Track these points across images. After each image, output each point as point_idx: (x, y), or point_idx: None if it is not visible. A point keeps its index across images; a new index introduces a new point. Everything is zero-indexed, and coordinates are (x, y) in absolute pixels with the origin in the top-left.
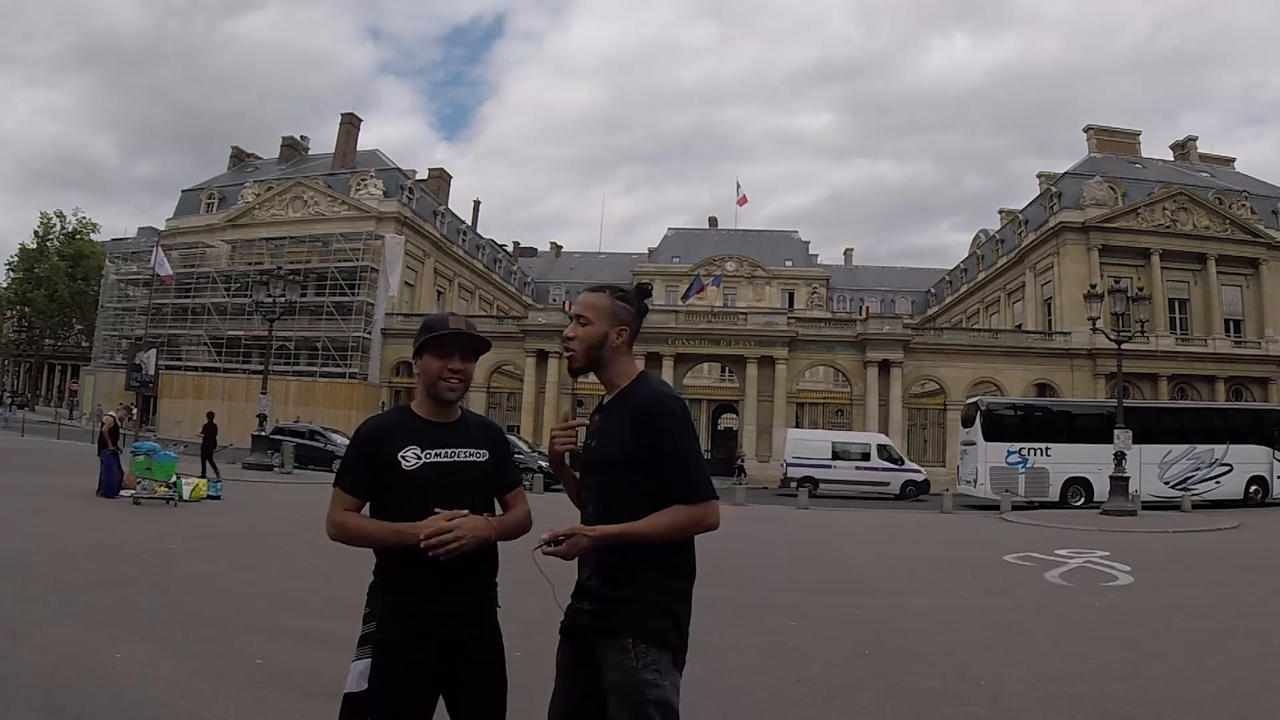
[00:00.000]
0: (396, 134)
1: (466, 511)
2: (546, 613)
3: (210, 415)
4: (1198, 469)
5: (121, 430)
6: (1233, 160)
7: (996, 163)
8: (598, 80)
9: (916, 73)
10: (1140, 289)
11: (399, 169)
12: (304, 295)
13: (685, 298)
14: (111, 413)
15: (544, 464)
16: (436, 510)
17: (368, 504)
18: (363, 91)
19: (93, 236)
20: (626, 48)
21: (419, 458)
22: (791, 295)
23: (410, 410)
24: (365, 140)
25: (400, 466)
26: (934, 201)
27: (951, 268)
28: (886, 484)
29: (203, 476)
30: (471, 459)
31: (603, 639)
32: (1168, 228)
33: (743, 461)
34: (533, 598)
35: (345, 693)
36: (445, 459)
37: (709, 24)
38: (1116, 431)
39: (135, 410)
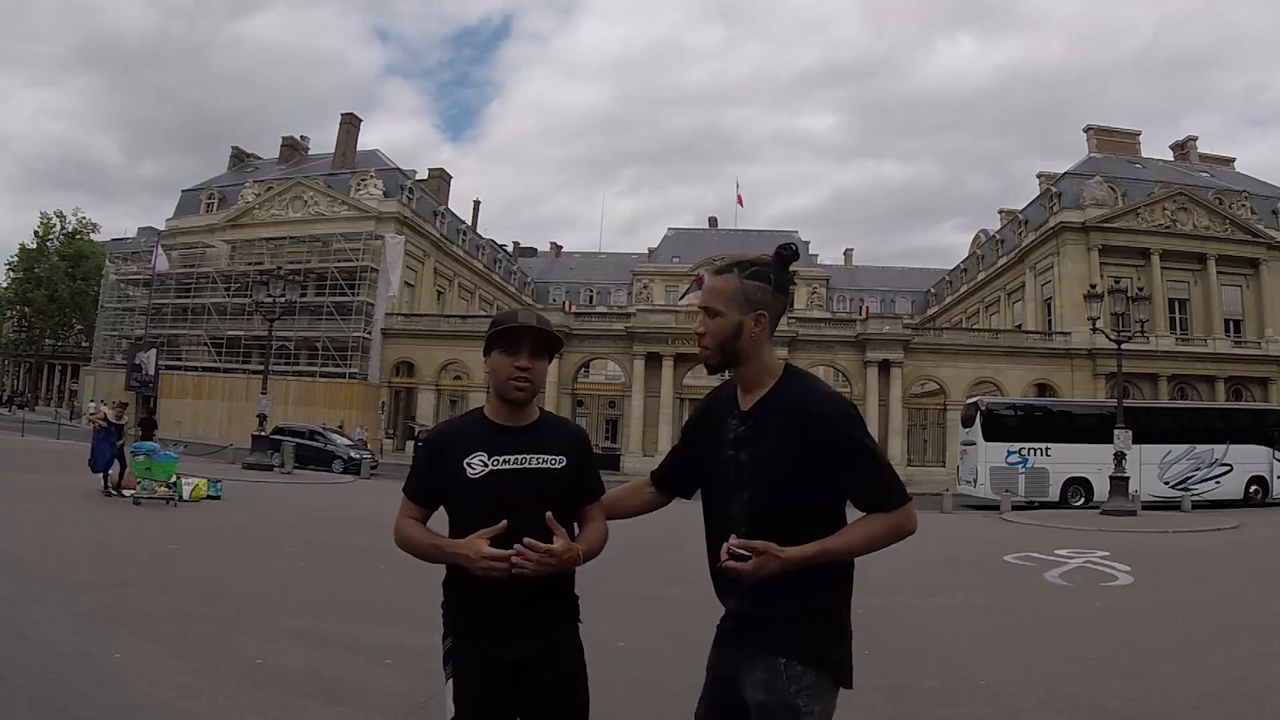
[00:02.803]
0: (401, 135)
1: (509, 528)
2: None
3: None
4: (1198, 469)
5: (125, 429)
6: (1232, 160)
7: (1000, 164)
8: (604, 81)
9: (922, 74)
10: (1140, 289)
11: (399, 169)
12: (304, 295)
13: (683, 298)
14: (105, 407)
15: None
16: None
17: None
18: (369, 93)
19: (93, 236)
20: (633, 49)
21: (485, 465)
22: (791, 295)
23: (482, 414)
24: (370, 141)
25: (465, 474)
26: (937, 202)
27: (952, 268)
28: None
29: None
30: (545, 466)
31: (753, 654)
32: (1168, 228)
33: None
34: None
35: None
36: (514, 465)
37: (717, 26)
38: (1116, 431)
39: (129, 407)
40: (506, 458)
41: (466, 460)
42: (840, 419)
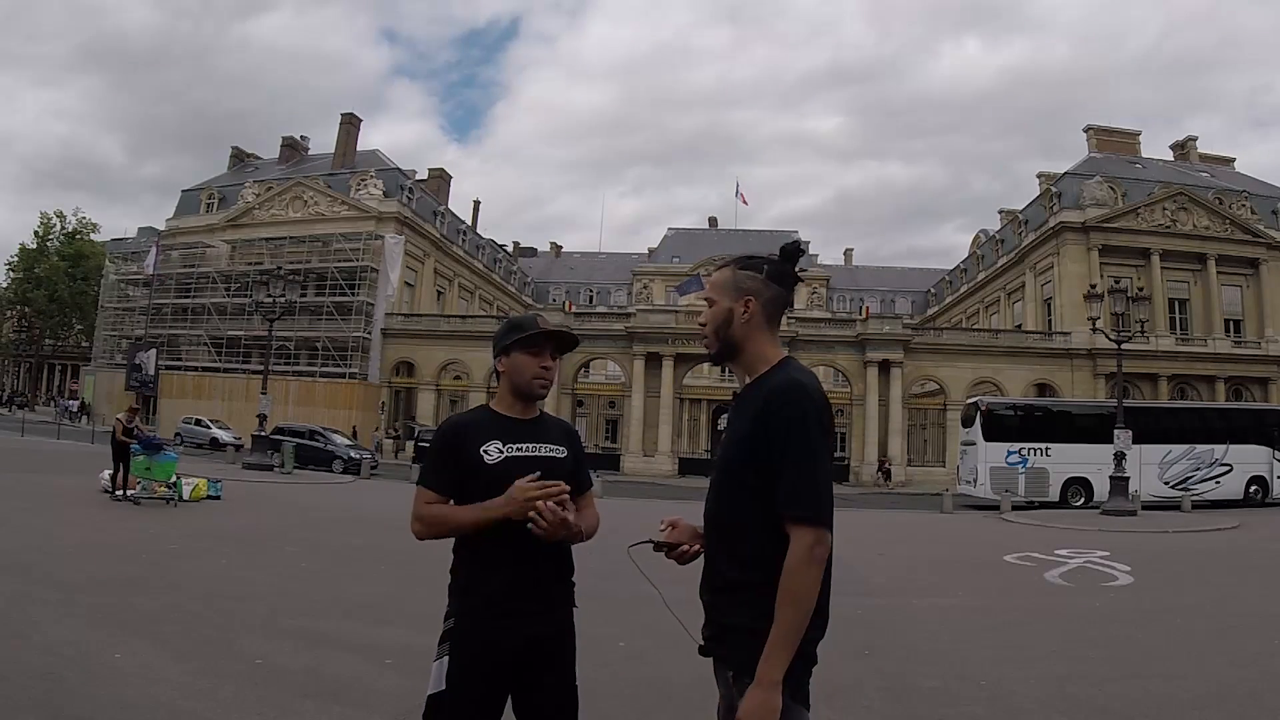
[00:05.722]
0: (407, 136)
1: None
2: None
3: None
4: (1198, 469)
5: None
6: (1232, 160)
7: (1003, 165)
8: (609, 82)
9: (927, 76)
10: (1140, 289)
11: (399, 169)
12: (304, 295)
13: (681, 293)
14: (120, 416)
15: None
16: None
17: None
18: (375, 93)
19: (93, 236)
20: (640, 50)
21: (501, 452)
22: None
23: (489, 409)
24: (375, 141)
25: (483, 461)
26: (940, 203)
27: (952, 268)
28: None
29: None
30: (552, 454)
31: (718, 666)
32: (1168, 228)
33: (890, 465)
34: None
35: (429, 694)
36: (527, 453)
37: (723, 27)
38: (1116, 431)
39: (139, 412)
40: (520, 445)
41: (482, 448)
42: (791, 404)
